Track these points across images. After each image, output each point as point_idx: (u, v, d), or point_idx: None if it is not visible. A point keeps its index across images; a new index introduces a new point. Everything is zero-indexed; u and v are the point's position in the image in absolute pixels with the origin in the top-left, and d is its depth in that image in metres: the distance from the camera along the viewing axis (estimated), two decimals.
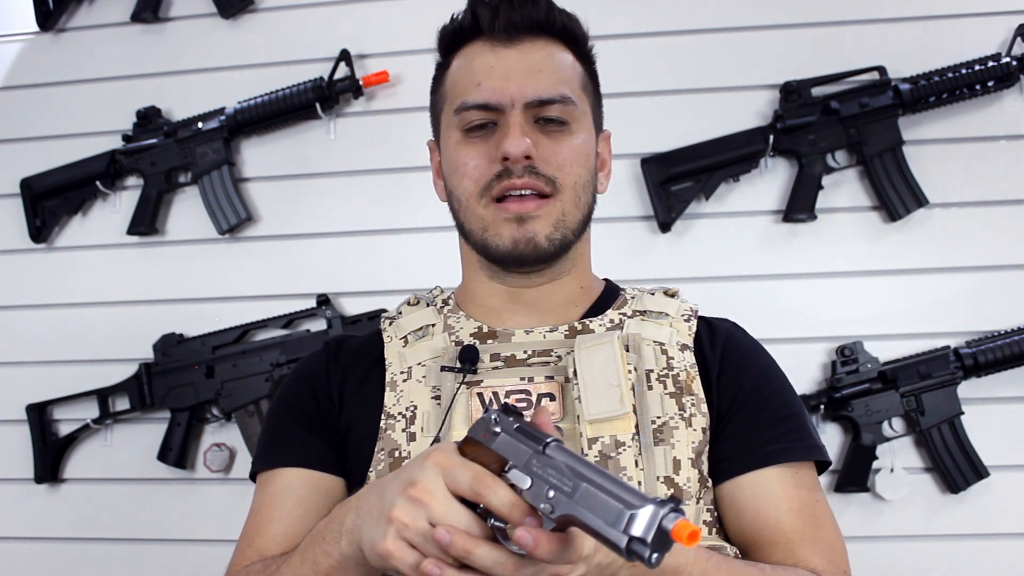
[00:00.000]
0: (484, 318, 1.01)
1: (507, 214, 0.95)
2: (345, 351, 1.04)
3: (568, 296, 1.03)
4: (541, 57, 0.97)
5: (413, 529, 0.69)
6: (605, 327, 0.99)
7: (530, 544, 0.64)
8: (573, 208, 0.97)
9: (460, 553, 0.67)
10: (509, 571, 0.67)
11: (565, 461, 0.66)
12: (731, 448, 0.94)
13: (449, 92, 1.00)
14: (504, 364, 0.96)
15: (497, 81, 0.95)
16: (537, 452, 0.67)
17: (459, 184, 0.98)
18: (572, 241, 0.98)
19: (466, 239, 1.01)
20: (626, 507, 0.61)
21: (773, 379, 1.00)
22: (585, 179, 0.99)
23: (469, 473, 0.69)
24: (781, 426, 0.95)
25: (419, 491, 0.69)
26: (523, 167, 0.94)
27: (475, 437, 0.72)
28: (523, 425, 0.71)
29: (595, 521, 0.62)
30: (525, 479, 0.67)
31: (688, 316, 1.01)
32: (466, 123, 0.97)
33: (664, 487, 0.90)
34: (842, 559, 0.93)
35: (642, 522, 0.60)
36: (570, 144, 0.97)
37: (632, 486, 0.63)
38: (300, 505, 0.95)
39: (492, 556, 0.67)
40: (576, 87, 1.00)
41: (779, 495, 0.92)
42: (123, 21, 1.95)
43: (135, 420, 1.90)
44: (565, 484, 0.65)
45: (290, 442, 0.99)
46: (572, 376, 0.92)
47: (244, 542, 0.97)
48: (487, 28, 0.97)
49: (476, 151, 0.96)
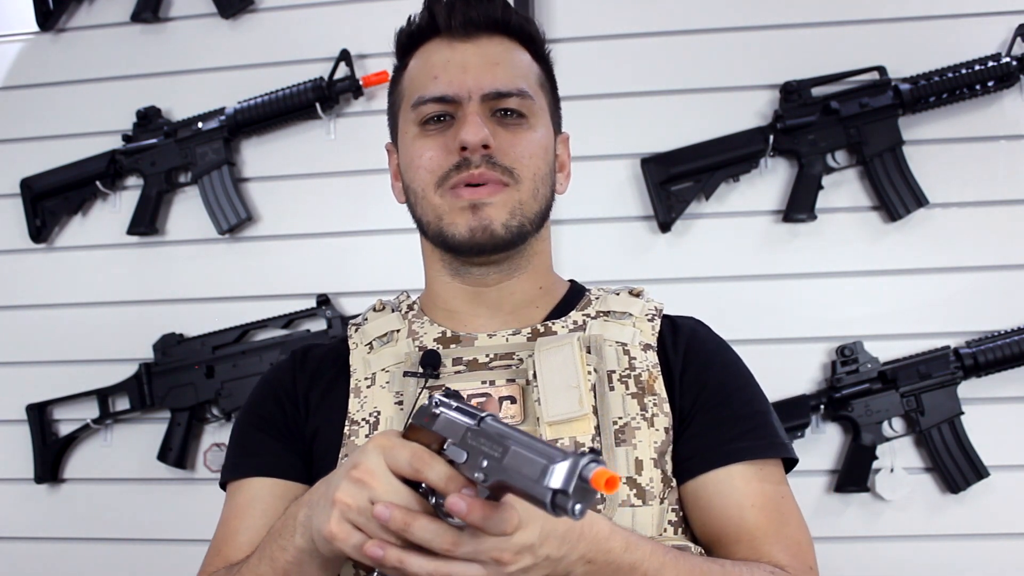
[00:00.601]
0: (448, 322, 1.01)
1: (462, 201, 0.94)
2: (311, 359, 1.04)
3: (527, 296, 1.02)
4: (498, 52, 0.98)
5: (355, 509, 0.70)
6: (568, 328, 0.98)
7: (463, 509, 0.65)
8: (531, 199, 0.96)
9: (399, 527, 0.67)
10: (448, 544, 0.67)
11: (497, 430, 0.67)
12: (694, 447, 0.94)
13: (406, 90, 1.00)
14: (466, 368, 0.96)
15: (454, 74, 0.95)
16: (472, 427, 0.68)
17: (415, 177, 0.97)
18: (529, 231, 0.97)
19: (424, 233, 1.01)
20: (548, 461, 0.62)
21: (736, 376, 1.00)
22: (544, 172, 0.98)
23: (407, 452, 0.69)
24: (744, 423, 0.95)
25: (361, 472, 0.70)
26: (481, 157, 0.93)
27: (417, 423, 0.73)
28: (461, 405, 0.72)
29: (521, 480, 0.63)
30: (461, 453, 0.68)
31: (652, 315, 1.00)
32: (423, 116, 0.97)
33: (627, 488, 0.89)
34: (808, 555, 0.92)
35: (560, 473, 0.61)
36: (528, 137, 0.97)
37: (557, 446, 0.64)
38: (266, 514, 0.95)
39: (431, 529, 0.68)
40: (533, 83, 0.99)
41: (743, 492, 0.92)
42: (123, 21, 1.95)
43: (135, 420, 1.90)
44: (495, 451, 0.66)
45: (257, 452, 0.99)
46: (532, 379, 0.92)
47: (212, 552, 0.98)
48: (444, 26, 0.97)
49: (433, 143, 0.96)
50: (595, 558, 0.74)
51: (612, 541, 0.75)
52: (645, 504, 0.89)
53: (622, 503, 0.89)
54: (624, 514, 0.88)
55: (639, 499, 0.89)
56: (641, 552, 0.78)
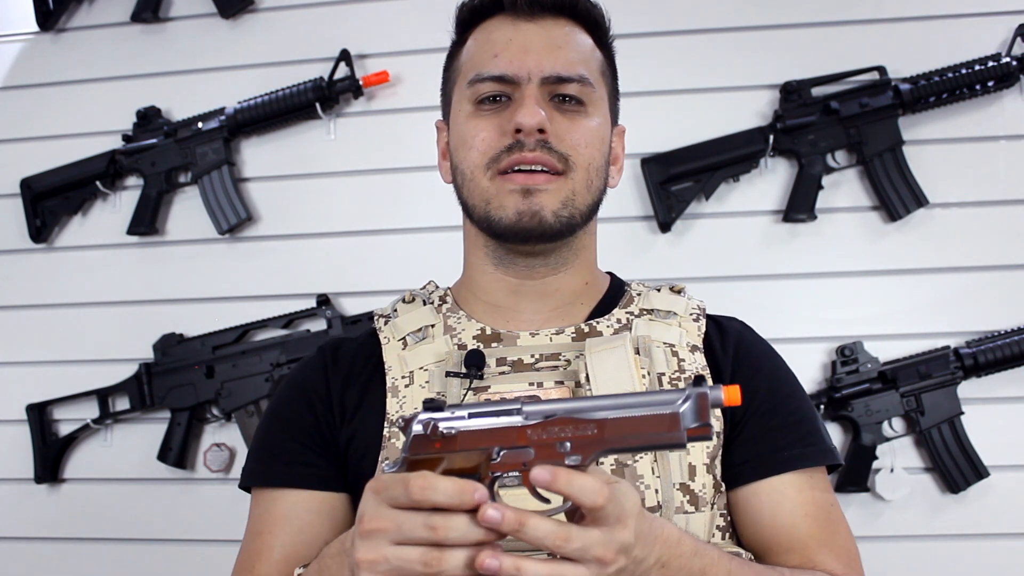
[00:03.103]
0: (487, 317, 0.98)
1: (513, 185, 0.90)
2: (343, 357, 1.00)
3: (573, 290, 0.99)
4: (562, 35, 0.94)
5: (381, 560, 0.66)
6: (613, 328, 0.96)
7: (547, 478, 0.64)
8: (584, 190, 0.93)
9: (513, 527, 0.64)
10: (561, 540, 0.65)
11: (564, 409, 0.67)
12: (746, 454, 0.93)
13: (464, 66, 0.97)
14: (512, 369, 0.93)
15: (515, 53, 0.92)
16: (524, 424, 0.67)
17: (465, 157, 0.93)
18: (579, 224, 0.94)
19: (469, 217, 0.96)
20: (671, 409, 0.66)
21: (785, 383, 0.99)
22: (599, 163, 0.95)
23: (400, 486, 0.66)
24: (795, 431, 0.94)
25: (368, 523, 0.67)
26: (535, 141, 0.90)
27: (424, 455, 0.68)
28: (474, 411, 0.69)
29: (641, 439, 0.66)
30: (525, 452, 0.66)
31: (697, 315, 0.99)
32: (479, 95, 0.93)
33: (680, 494, 0.88)
34: (858, 565, 0.92)
35: (691, 411, 0.66)
36: (586, 125, 0.93)
37: (644, 394, 0.69)
38: (304, 531, 0.92)
39: (544, 526, 0.65)
40: (595, 70, 0.96)
41: (795, 501, 0.91)
42: (123, 21, 1.95)
43: (135, 420, 1.90)
44: (583, 430, 0.66)
45: (289, 461, 0.95)
46: (584, 381, 0.90)
47: (244, 567, 0.94)
48: (509, 3, 0.94)
49: (487, 123, 0.92)
50: (669, 562, 0.73)
51: (683, 545, 0.75)
52: (698, 510, 0.89)
53: (676, 510, 0.87)
54: (678, 521, 0.87)
55: (692, 505, 0.88)
56: (709, 557, 0.77)
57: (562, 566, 0.66)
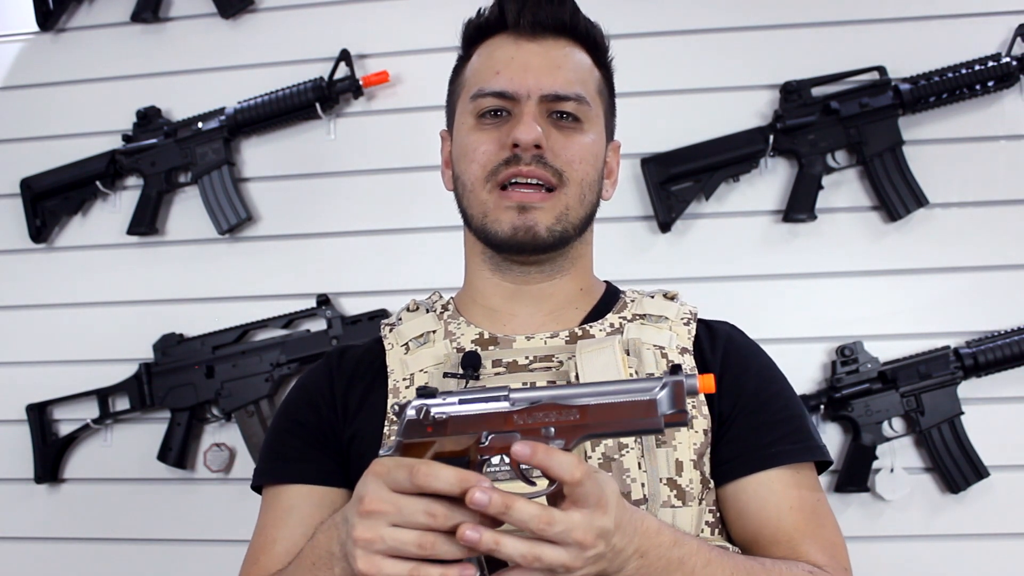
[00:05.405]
0: (485, 322, 1.02)
1: (509, 202, 0.96)
2: (348, 361, 1.05)
3: (568, 296, 1.03)
4: (562, 55, 0.99)
5: (378, 540, 0.69)
6: (605, 331, 0.99)
7: (527, 452, 0.66)
8: (577, 204, 0.98)
9: (500, 510, 0.67)
10: (545, 523, 0.67)
11: (549, 397, 0.69)
12: (733, 451, 0.95)
13: (468, 80, 1.02)
14: (506, 370, 0.97)
15: (516, 71, 0.97)
16: (510, 410, 0.69)
17: (466, 169, 0.99)
18: (572, 237, 0.99)
19: (468, 225, 1.02)
20: (648, 396, 0.68)
21: (773, 381, 1.01)
22: (592, 178, 1.00)
23: (403, 470, 0.69)
24: (782, 428, 0.96)
25: (368, 504, 0.70)
26: (532, 156, 0.95)
27: (417, 439, 0.72)
28: (464, 396, 0.72)
29: (620, 425, 0.68)
30: (510, 437, 0.69)
31: (688, 319, 1.02)
32: (480, 109, 0.98)
33: (667, 488, 0.91)
34: (843, 557, 0.94)
35: (667, 399, 0.68)
36: (580, 141, 0.98)
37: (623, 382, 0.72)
38: (304, 523, 0.95)
39: (529, 509, 0.67)
40: (592, 89, 1.01)
41: (781, 495, 0.93)
42: (123, 21, 1.95)
43: (135, 420, 1.90)
44: (565, 416, 0.68)
45: (294, 458, 1.00)
46: (574, 380, 0.93)
47: (250, 560, 0.99)
48: (512, 23, 0.99)
49: (487, 136, 0.98)
50: (648, 551, 0.75)
51: (661, 536, 0.77)
52: (685, 505, 0.91)
53: (663, 504, 0.90)
54: (665, 515, 0.89)
55: (679, 500, 0.91)
56: (688, 547, 0.79)
57: (541, 546, 0.68)
